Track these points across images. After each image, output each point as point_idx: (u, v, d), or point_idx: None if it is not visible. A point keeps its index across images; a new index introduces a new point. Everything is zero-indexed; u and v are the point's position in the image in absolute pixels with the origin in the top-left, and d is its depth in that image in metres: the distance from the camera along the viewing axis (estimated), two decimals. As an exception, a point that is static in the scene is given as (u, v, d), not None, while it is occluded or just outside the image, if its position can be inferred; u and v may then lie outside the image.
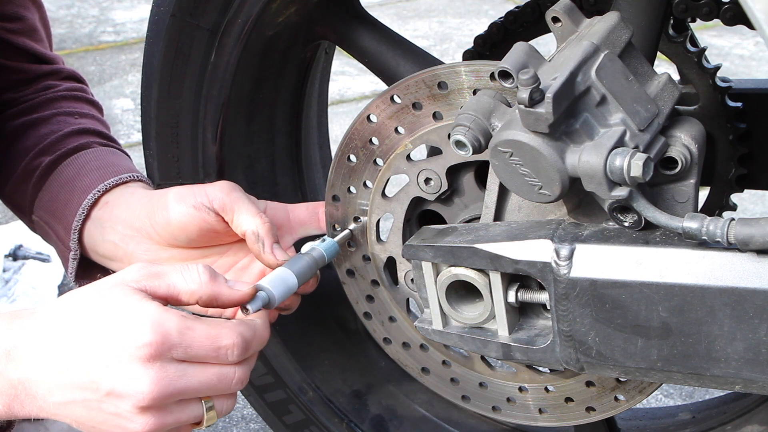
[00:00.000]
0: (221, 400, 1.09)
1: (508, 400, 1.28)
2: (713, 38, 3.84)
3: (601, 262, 1.02)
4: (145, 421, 1.03)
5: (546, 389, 1.25)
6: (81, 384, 1.03)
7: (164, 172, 1.38)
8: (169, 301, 1.08)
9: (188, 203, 1.23)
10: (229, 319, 1.28)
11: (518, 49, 1.00)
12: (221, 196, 1.22)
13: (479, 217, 1.17)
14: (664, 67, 1.19)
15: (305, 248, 1.23)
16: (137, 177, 1.35)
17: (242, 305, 1.11)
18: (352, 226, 1.26)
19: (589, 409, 1.23)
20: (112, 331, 1.02)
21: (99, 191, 1.32)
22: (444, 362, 1.30)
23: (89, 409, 1.05)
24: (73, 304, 1.07)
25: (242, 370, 1.09)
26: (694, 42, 1.33)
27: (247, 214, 1.21)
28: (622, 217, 1.02)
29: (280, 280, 1.16)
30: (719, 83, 1.32)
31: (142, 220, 1.26)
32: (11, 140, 1.45)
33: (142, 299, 1.04)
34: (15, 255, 2.51)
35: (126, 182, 1.34)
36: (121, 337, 1.02)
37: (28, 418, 1.08)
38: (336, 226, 1.28)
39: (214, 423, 1.10)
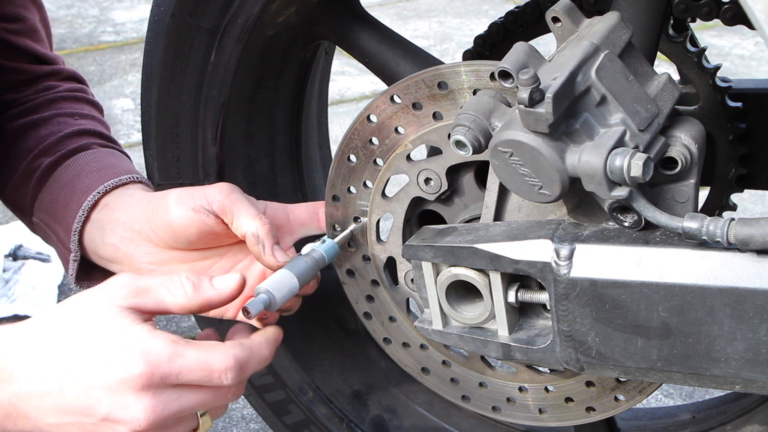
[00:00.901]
0: (215, 409, 1.10)
1: (508, 400, 1.28)
2: (713, 38, 3.84)
3: (601, 262, 1.02)
4: None
5: (546, 389, 1.25)
6: (74, 409, 1.03)
7: (164, 172, 1.38)
8: (159, 314, 1.08)
9: (187, 206, 1.22)
10: (231, 319, 1.28)
11: (518, 49, 1.00)
12: (220, 198, 1.22)
13: (479, 217, 1.17)
14: (664, 67, 1.19)
15: (306, 249, 1.23)
16: (137, 179, 1.35)
17: (244, 309, 1.10)
18: (352, 226, 1.26)
19: (589, 409, 1.23)
20: (103, 360, 1.02)
21: (99, 193, 1.31)
22: (444, 362, 1.30)
23: (85, 431, 1.05)
24: (61, 324, 1.06)
25: (237, 387, 1.09)
26: (694, 42, 1.33)
27: (246, 216, 1.21)
28: (622, 217, 1.02)
29: (282, 282, 1.16)
30: (719, 83, 1.32)
31: (141, 222, 1.26)
32: (11, 141, 1.45)
33: (131, 323, 1.04)
34: (15, 255, 2.51)
35: (125, 184, 1.34)
36: (112, 366, 1.02)
37: None
38: (336, 226, 1.28)
39: (209, 429, 1.10)
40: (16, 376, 1.04)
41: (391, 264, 1.27)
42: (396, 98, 1.17)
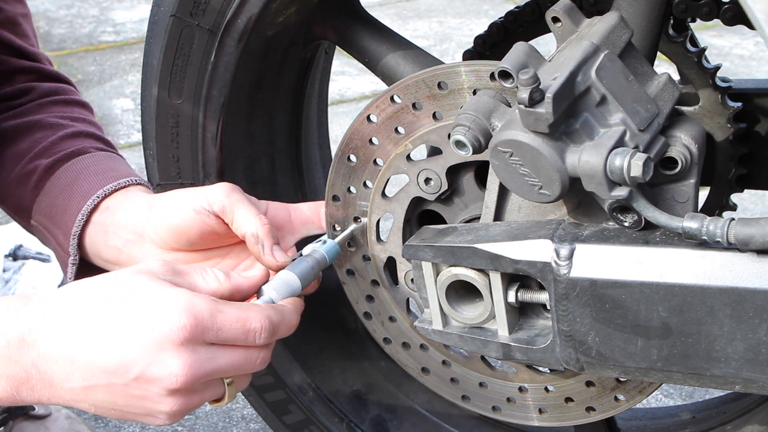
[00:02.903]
0: (240, 378, 1.11)
1: (508, 400, 1.28)
2: (713, 38, 3.84)
3: (601, 262, 1.02)
4: (174, 402, 1.04)
5: (546, 389, 1.25)
6: (107, 368, 1.03)
7: (164, 172, 1.38)
8: None
9: (188, 207, 1.23)
10: None
11: (518, 49, 1.00)
12: (221, 198, 1.22)
13: (479, 217, 1.17)
14: (664, 67, 1.19)
15: (307, 250, 1.23)
16: (136, 181, 1.36)
17: None
18: (352, 226, 1.26)
19: (589, 409, 1.23)
20: (144, 315, 1.03)
21: (98, 196, 1.32)
22: (444, 362, 1.30)
23: (112, 394, 1.05)
24: (95, 288, 1.07)
25: (266, 352, 1.11)
26: (694, 42, 1.33)
27: (246, 216, 1.21)
28: (622, 217, 1.02)
29: (284, 284, 1.16)
30: (719, 83, 1.32)
31: (143, 224, 1.27)
32: (4, 144, 1.44)
33: (170, 285, 1.05)
34: (15, 255, 2.51)
35: (125, 187, 1.34)
36: (154, 320, 1.02)
37: (35, 404, 1.07)
38: (336, 226, 1.28)
39: (233, 400, 1.11)
40: (42, 340, 1.03)
41: (391, 264, 1.27)
42: (396, 98, 1.17)
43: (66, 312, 1.05)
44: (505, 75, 0.99)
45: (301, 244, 1.29)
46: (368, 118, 1.19)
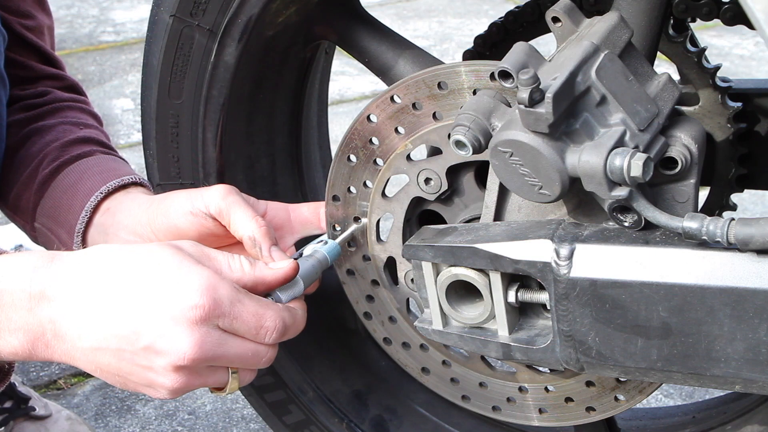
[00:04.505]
0: (245, 372, 1.12)
1: (508, 400, 1.28)
2: (713, 38, 3.85)
3: (601, 262, 1.02)
4: (176, 379, 1.05)
5: (546, 389, 1.25)
6: (119, 333, 1.04)
7: (164, 172, 1.38)
8: None
9: (185, 209, 1.23)
10: None
11: (518, 49, 1.00)
12: (217, 201, 1.22)
13: (479, 217, 1.17)
14: (664, 67, 1.19)
15: (308, 250, 1.23)
16: (138, 181, 1.36)
17: None
18: (352, 226, 1.26)
19: (589, 409, 1.23)
20: (165, 288, 1.03)
21: (101, 193, 1.33)
22: (444, 362, 1.30)
23: (119, 359, 1.06)
24: (121, 254, 1.08)
25: (273, 351, 1.11)
26: (694, 42, 1.33)
27: (243, 219, 1.21)
28: (622, 217, 1.02)
29: (289, 283, 1.16)
30: (719, 83, 1.32)
31: (143, 226, 1.27)
32: (17, 148, 1.46)
33: (198, 263, 1.06)
34: (15, 255, 2.51)
35: (127, 186, 1.35)
36: (174, 294, 1.03)
37: (48, 360, 1.08)
38: (336, 226, 1.28)
39: (234, 391, 1.12)
40: (61, 297, 1.05)
41: (391, 264, 1.27)
42: (396, 98, 1.17)
43: (88, 273, 1.06)
44: (505, 75, 0.99)
45: (299, 245, 1.29)
46: (368, 118, 1.19)
